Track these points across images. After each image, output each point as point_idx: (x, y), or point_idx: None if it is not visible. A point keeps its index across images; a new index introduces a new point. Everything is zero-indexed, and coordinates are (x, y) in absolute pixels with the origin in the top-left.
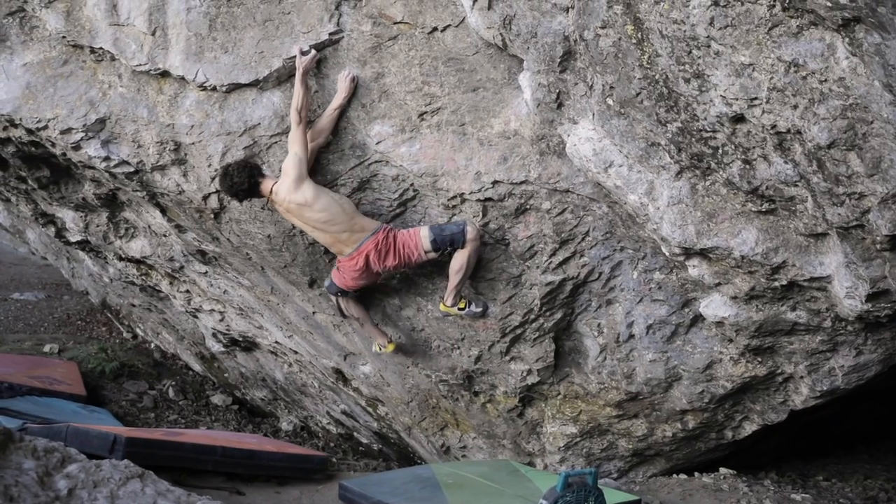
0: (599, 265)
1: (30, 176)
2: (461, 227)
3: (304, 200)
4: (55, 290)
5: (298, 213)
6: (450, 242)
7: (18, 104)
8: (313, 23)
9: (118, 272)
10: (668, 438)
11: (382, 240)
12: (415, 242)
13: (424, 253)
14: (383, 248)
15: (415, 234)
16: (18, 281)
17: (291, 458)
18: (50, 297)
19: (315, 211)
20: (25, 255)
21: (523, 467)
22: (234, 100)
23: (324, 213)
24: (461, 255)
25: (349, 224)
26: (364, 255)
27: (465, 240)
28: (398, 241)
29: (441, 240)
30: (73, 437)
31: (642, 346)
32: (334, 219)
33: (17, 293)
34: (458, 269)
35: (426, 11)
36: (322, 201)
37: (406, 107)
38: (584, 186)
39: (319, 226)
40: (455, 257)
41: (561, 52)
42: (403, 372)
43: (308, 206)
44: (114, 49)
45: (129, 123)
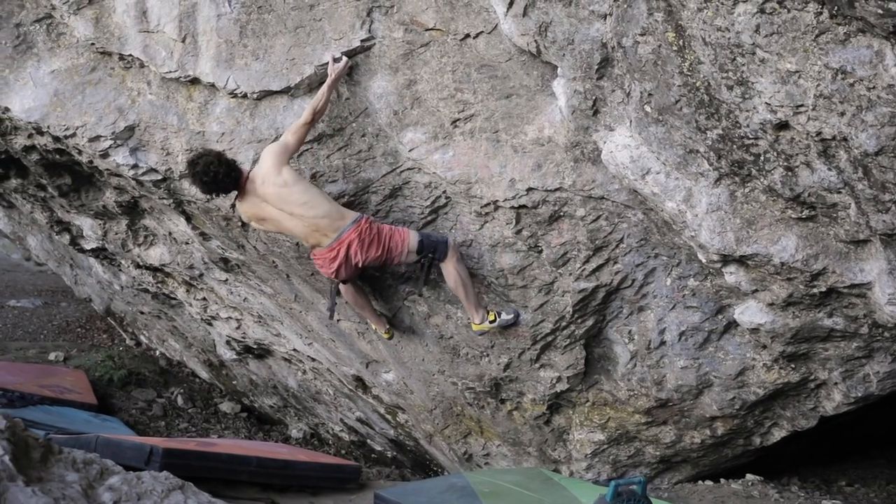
0: (633, 272)
1: (50, 183)
2: (445, 238)
3: (283, 182)
4: (52, 297)
5: (277, 198)
6: (433, 249)
7: (46, 112)
8: (345, 29)
9: (131, 280)
10: (696, 445)
11: (366, 229)
12: (402, 239)
13: (408, 252)
14: (367, 237)
15: (403, 231)
16: (13, 287)
17: (325, 467)
18: (47, 304)
19: (295, 193)
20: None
21: (555, 475)
22: (264, 107)
23: (304, 195)
24: (449, 269)
25: (329, 209)
26: (346, 244)
27: (447, 253)
28: (383, 232)
29: (427, 243)
30: (103, 448)
31: (674, 352)
32: (313, 201)
33: (13, 300)
34: (457, 283)
35: (458, 18)
36: (302, 183)
37: (439, 114)
38: (619, 193)
39: (298, 209)
40: (446, 275)
41: (598, 59)
42: (429, 380)
43: (287, 188)
44: (143, 56)
45: (158, 131)
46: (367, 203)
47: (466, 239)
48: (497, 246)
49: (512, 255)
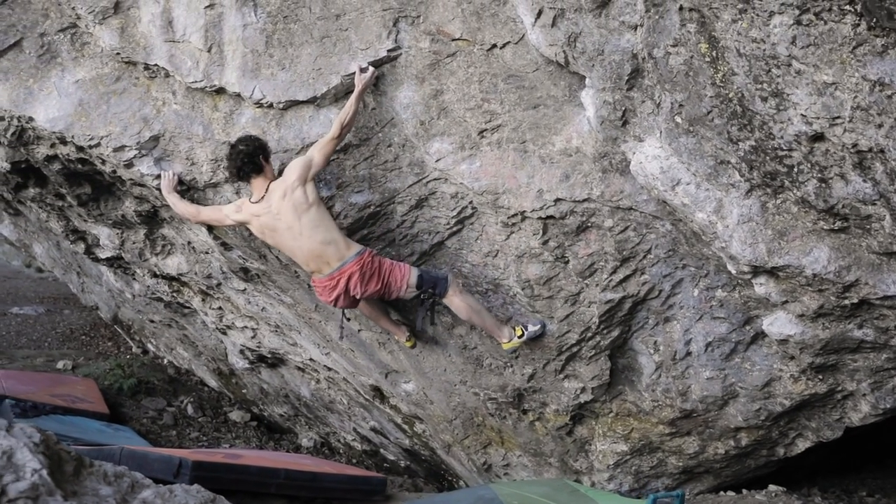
0: (660, 283)
1: (70, 193)
2: (445, 276)
3: (302, 199)
4: (54, 304)
5: (291, 214)
6: (432, 285)
7: (71, 121)
8: (371, 39)
9: (145, 289)
10: (719, 456)
11: (368, 262)
12: (402, 274)
13: (408, 286)
14: (368, 270)
15: (405, 267)
16: (15, 295)
17: (352, 479)
18: (50, 312)
19: (311, 213)
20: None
21: (581, 486)
22: (290, 117)
23: (318, 218)
24: (456, 303)
25: (337, 238)
26: (346, 275)
27: (448, 289)
28: (384, 267)
29: (427, 279)
30: (128, 460)
31: (699, 363)
32: (325, 226)
33: (16, 307)
34: (469, 313)
35: (485, 28)
36: (320, 207)
37: (465, 124)
38: (647, 204)
39: (308, 231)
40: (457, 310)
41: (629, 69)
42: (450, 390)
43: (305, 207)
44: (169, 66)
45: (183, 141)
46: (393, 214)
47: (492, 249)
48: (523, 256)
49: (538, 266)
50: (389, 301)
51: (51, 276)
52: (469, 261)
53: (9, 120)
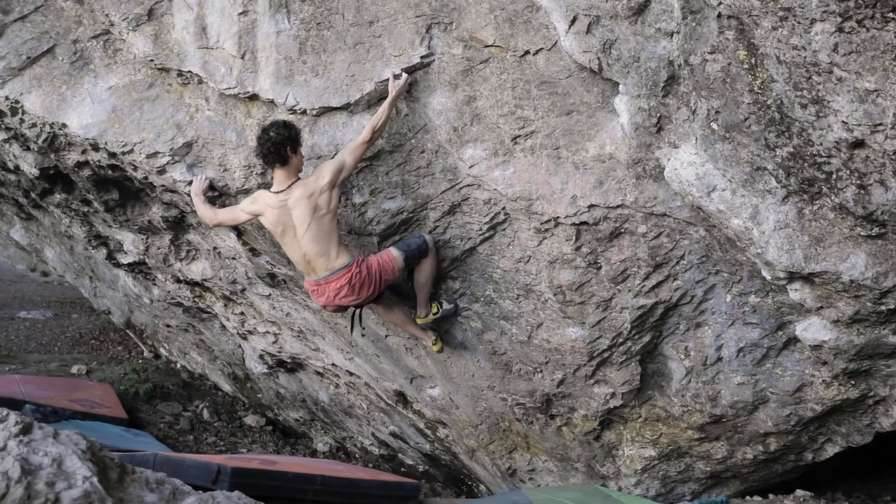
0: (692, 288)
1: (97, 199)
2: (421, 237)
3: (324, 204)
4: (61, 309)
5: (304, 214)
6: (417, 254)
7: (104, 128)
8: (404, 46)
9: (165, 294)
10: (748, 461)
11: (356, 273)
12: (392, 266)
13: (400, 270)
14: (357, 281)
15: (387, 255)
16: (21, 299)
17: (386, 485)
18: (58, 316)
19: (321, 221)
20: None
21: (613, 492)
22: (323, 123)
23: (324, 226)
24: (425, 265)
25: (330, 249)
26: (335, 287)
27: (427, 247)
28: (373, 269)
29: (410, 254)
30: (163, 466)
31: (730, 368)
32: (325, 236)
33: (23, 311)
34: (426, 279)
35: (518, 35)
36: (333, 216)
37: (499, 130)
38: (681, 210)
39: (306, 236)
40: (419, 269)
41: (665, 76)
42: (477, 395)
43: (319, 214)
44: (203, 72)
45: (216, 147)
46: (426, 220)
47: (524, 255)
48: (556, 262)
49: (570, 272)
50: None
51: (56, 280)
52: (501, 266)
53: (41, 126)
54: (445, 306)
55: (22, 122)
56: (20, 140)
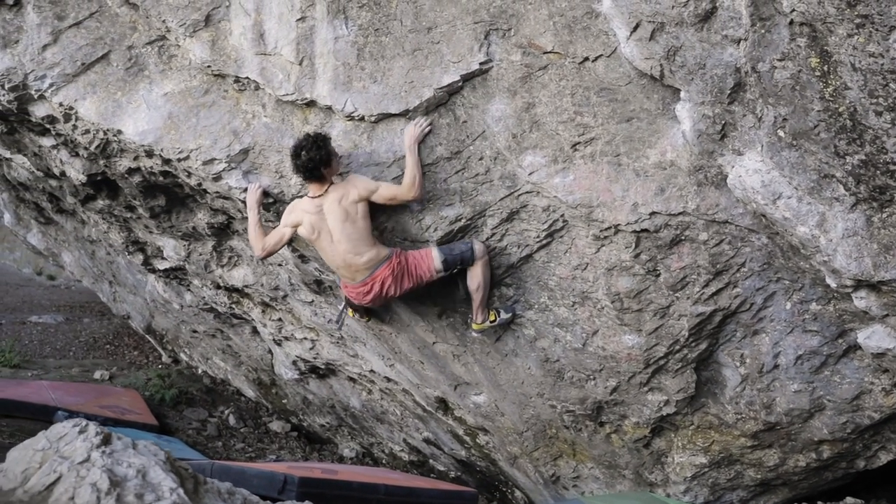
0: (752, 296)
1: (143, 205)
2: (469, 245)
3: (353, 211)
4: (71, 313)
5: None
6: (460, 261)
7: (160, 134)
8: (463, 52)
9: (198, 299)
10: (799, 468)
11: (397, 264)
12: (427, 264)
13: (436, 272)
14: (398, 271)
15: (426, 254)
16: (31, 303)
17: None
18: (69, 320)
19: (355, 226)
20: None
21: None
22: (381, 130)
23: (358, 231)
24: (476, 273)
25: (369, 251)
26: (379, 280)
27: (475, 257)
28: (410, 262)
29: (451, 259)
30: (222, 475)
31: (787, 376)
32: (362, 240)
33: (34, 316)
34: (477, 286)
35: (577, 41)
36: (366, 223)
37: (558, 137)
38: (743, 217)
39: (344, 241)
40: (470, 276)
41: (731, 83)
42: (524, 402)
43: (351, 220)
44: (260, 78)
45: (273, 154)
46: (483, 227)
47: (581, 262)
48: (614, 269)
49: (629, 279)
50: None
51: (64, 283)
52: (557, 273)
53: (94, 133)
54: (503, 315)
55: (75, 128)
56: (69, 146)
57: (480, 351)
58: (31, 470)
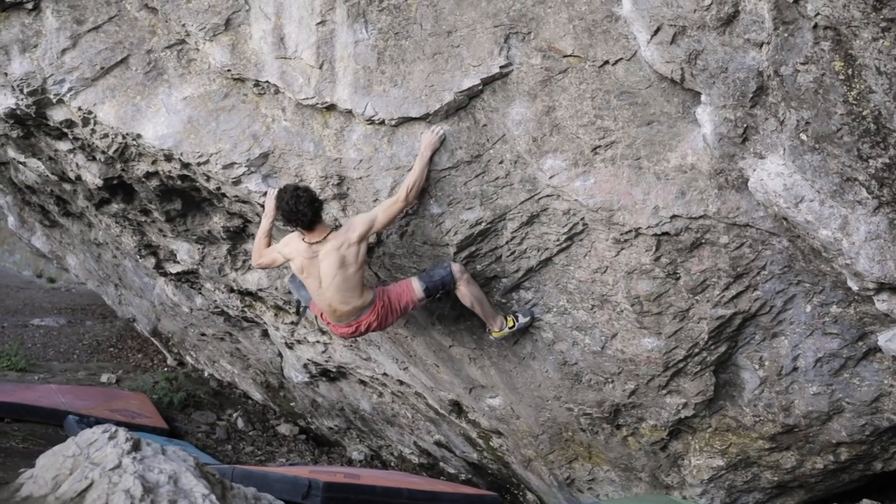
0: (772, 299)
1: (159, 209)
2: (447, 268)
3: (352, 258)
4: (73, 315)
5: (329, 267)
6: (441, 286)
7: (180, 138)
8: (483, 56)
9: (210, 303)
10: (817, 471)
11: (381, 307)
12: (409, 296)
13: (419, 301)
14: (382, 313)
15: (407, 286)
16: (32, 306)
17: (468, 498)
18: (72, 323)
19: (346, 274)
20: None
21: (683, 502)
22: (402, 133)
23: (350, 279)
24: (463, 293)
25: (356, 303)
26: (364, 324)
27: (455, 279)
28: (393, 298)
29: (432, 286)
30: (243, 480)
31: (806, 379)
32: (351, 289)
33: (36, 319)
34: (471, 303)
35: (596, 45)
36: (359, 270)
37: (578, 140)
38: (764, 221)
39: (333, 289)
40: (460, 297)
41: (754, 87)
42: (541, 405)
43: (346, 267)
44: (280, 82)
45: (293, 158)
46: (503, 230)
47: (601, 265)
48: (633, 273)
49: (648, 282)
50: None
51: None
52: (576, 277)
53: (112, 137)
54: (521, 319)
55: (93, 132)
56: (86, 150)
57: (497, 354)
58: (61, 476)
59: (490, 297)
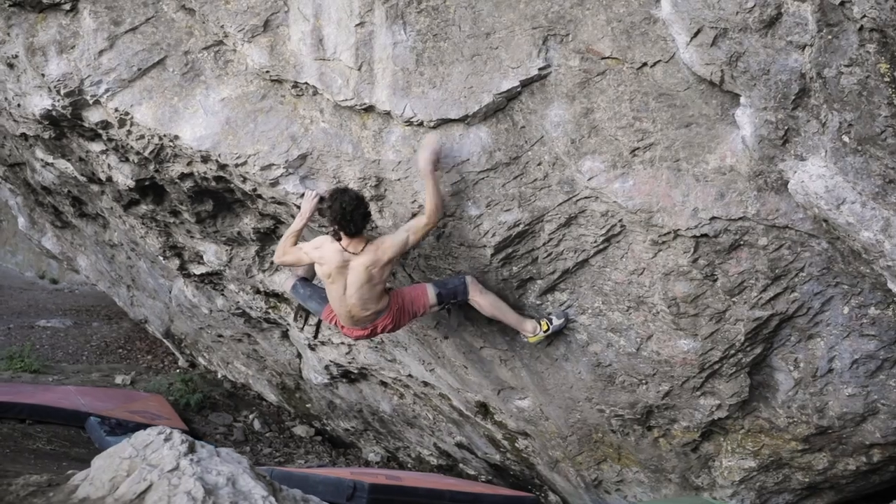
0: (810, 300)
1: (190, 210)
2: (461, 279)
3: (378, 277)
4: (78, 316)
5: (356, 280)
6: (453, 295)
7: (218, 140)
8: (522, 58)
9: (231, 304)
10: (849, 472)
11: (396, 310)
12: (423, 301)
13: (430, 307)
14: (397, 315)
15: (422, 291)
16: (36, 307)
17: (508, 499)
18: (78, 324)
19: (371, 290)
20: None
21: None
22: (440, 135)
23: (373, 294)
24: (479, 303)
25: (375, 309)
26: (380, 326)
27: (468, 290)
28: (407, 301)
29: (446, 293)
30: (282, 481)
31: (841, 380)
32: (372, 302)
33: (42, 320)
34: (493, 314)
35: (635, 47)
36: (382, 286)
37: (617, 142)
38: (803, 222)
39: (354, 297)
40: (479, 308)
41: (796, 89)
42: (571, 406)
43: (371, 283)
44: (319, 84)
45: (331, 159)
46: (541, 232)
47: (638, 267)
48: (671, 275)
49: (686, 284)
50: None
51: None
52: (612, 279)
53: (149, 138)
54: (555, 321)
55: (129, 133)
56: (119, 152)
57: (530, 356)
58: (118, 478)
59: (524, 298)
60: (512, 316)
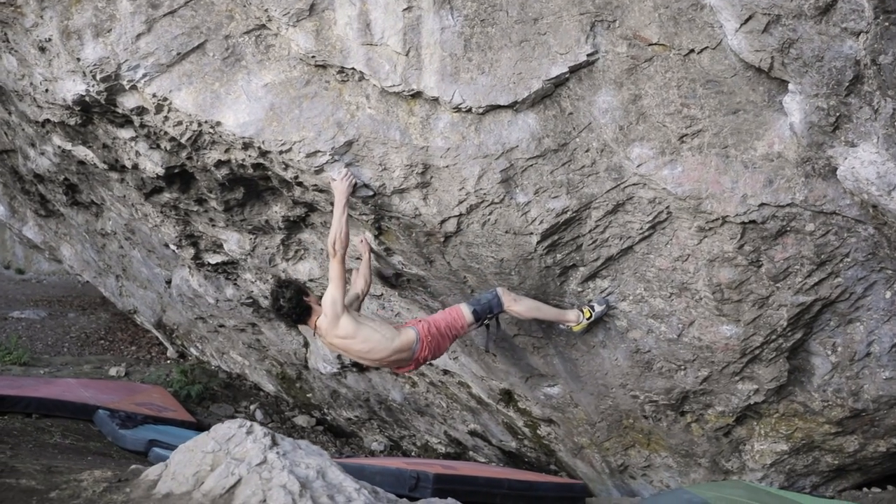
0: (853, 285)
1: (218, 198)
2: (494, 293)
3: (345, 334)
4: (52, 308)
5: (343, 345)
6: (489, 309)
7: (261, 126)
8: (570, 44)
9: (243, 293)
10: (878, 454)
11: (428, 340)
12: (460, 322)
13: (469, 325)
14: (432, 344)
15: (455, 312)
16: (6, 298)
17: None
18: (53, 315)
19: (358, 342)
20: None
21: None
22: (489, 122)
23: (365, 344)
24: (516, 311)
25: (392, 349)
26: (421, 359)
27: (502, 302)
28: (441, 327)
29: (481, 309)
30: None
31: (879, 364)
32: (376, 347)
33: (15, 311)
34: (533, 315)
35: (682, 33)
36: (363, 332)
37: (665, 129)
38: (850, 208)
39: (365, 355)
40: (517, 315)
41: (851, 75)
42: (604, 393)
43: (351, 339)
44: (366, 69)
45: (377, 146)
46: (588, 218)
47: (683, 254)
48: (715, 261)
49: (730, 270)
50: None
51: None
52: (656, 265)
53: (187, 124)
54: (597, 308)
55: (166, 119)
56: (150, 139)
57: (565, 343)
58: (202, 473)
59: (566, 285)
60: (551, 312)
